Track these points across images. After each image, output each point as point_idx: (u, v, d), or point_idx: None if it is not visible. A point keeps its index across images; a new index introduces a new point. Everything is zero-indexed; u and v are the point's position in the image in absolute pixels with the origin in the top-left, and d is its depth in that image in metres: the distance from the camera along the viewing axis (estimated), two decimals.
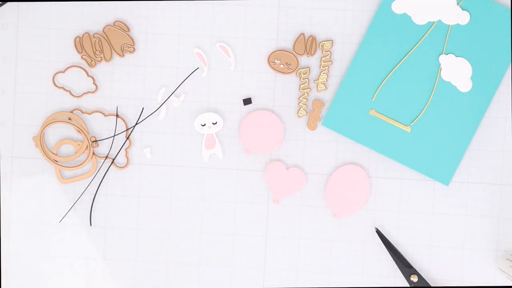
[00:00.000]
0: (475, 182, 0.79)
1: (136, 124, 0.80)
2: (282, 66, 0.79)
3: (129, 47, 0.80)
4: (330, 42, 0.79)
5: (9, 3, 0.81)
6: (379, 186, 0.79)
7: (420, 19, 0.78)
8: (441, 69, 0.78)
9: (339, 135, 0.79)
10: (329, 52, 0.79)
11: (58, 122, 0.80)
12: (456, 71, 0.78)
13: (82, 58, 0.80)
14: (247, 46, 0.80)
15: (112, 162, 0.78)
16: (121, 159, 0.81)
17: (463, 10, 0.78)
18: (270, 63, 0.79)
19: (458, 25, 0.78)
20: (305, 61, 0.80)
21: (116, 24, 0.80)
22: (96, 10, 0.80)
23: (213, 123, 0.80)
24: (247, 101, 0.80)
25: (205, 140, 0.80)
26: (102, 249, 0.81)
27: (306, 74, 0.79)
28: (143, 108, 0.80)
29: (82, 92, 0.81)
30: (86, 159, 0.80)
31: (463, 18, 0.78)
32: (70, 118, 0.80)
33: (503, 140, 0.79)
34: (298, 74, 0.79)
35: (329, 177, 0.79)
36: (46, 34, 0.81)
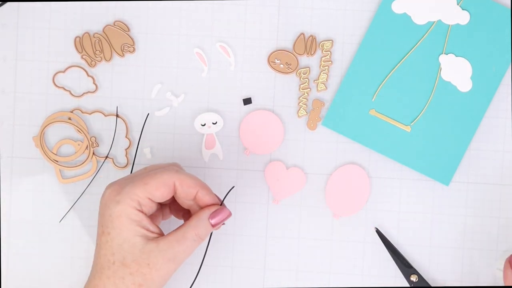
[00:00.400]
0: (475, 182, 0.79)
1: (142, 130, 0.80)
2: (282, 66, 0.79)
3: (129, 47, 0.80)
4: (330, 42, 0.79)
5: (9, 3, 0.80)
6: (379, 186, 0.79)
7: (420, 19, 0.78)
8: (441, 69, 0.78)
9: (339, 135, 0.79)
10: (329, 52, 0.79)
11: (58, 122, 0.80)
12: (456, 71, 0.78)
13: (82, 58, 0.80)
14: (247, 46, 0.80)
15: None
16: (121, 159, 0.81)
17: (463, 10, 0.78)
18: (270, 63, 0.79)
19: (458, 25, 0.78)
20: (305, 61, 0.80)
21: (116, 24, 0.80)
22: (96, 10, 0.80)
23: (213, 123, 0.80)
24: (247, 101, 0.80)
25: (205, 140, 0.80)
26: None
27: (306, 74, 0.79)
28: (148, 114, 0.80)
29: (82, 92, 0.81)
30: (86, 159, 0.80)
31: (463, 18, 0.78)
32: (70, 118, 0.80)
33: (503, 140, 0.79)
34: (298, 74, 0.79)
35: (329, 177, 0.79)
36: (46, 34, 0.81)
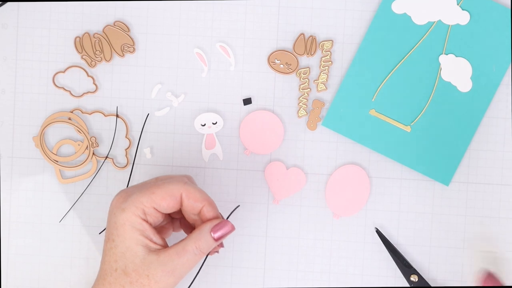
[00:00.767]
0: (475, 182, 0.79)
1: (142, 130, 0.80)
2: (282, 66, 0.79)
3: (129, 47, 0.80)
4: (330, 42, 0.79)
5: (9, 3, 0.80)
6: (379, 186, 0.79)
7: (420, 19, 0.78)
8: (441, 69, 0.78)
9: (339, 135, 0.79)
10: (329, 52, 0.79)
11: (58, 122, 0.80)
12: (456, 71, 0.78)
13: (82, 58, 0.80)
14: (247, 46, 0.80)
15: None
16: (121, 159, 0.81)
17: (463, 10, 0.78)
18: (270, 63, 0.79)
19: (458, 25, 0.78)
20: (305, 61, 0.80)
21: (116, 24, 0.80)
22: (96, 10, 0.80)
23: (213, 123, 0.80)
24: (247, 101, 0.80)
25: (205, 140, 0.80)
26: (101, 249, 0.80)
27: (306, 74, 0.79)
28: (148, 114, 0.80)
29: (82, 92, 0.81)
30: (86, 159, 0.80)
31: (463, 18, 0.78)
32: (70, 118, 0.80)
33: (503, 140, 0.79)
34: (298, 74, 0.79)
35: (329, 177, 0.79)
36: (46, 34, 0.81)
